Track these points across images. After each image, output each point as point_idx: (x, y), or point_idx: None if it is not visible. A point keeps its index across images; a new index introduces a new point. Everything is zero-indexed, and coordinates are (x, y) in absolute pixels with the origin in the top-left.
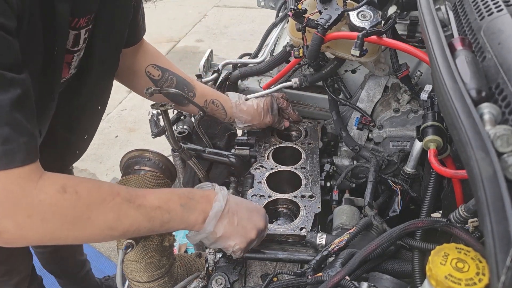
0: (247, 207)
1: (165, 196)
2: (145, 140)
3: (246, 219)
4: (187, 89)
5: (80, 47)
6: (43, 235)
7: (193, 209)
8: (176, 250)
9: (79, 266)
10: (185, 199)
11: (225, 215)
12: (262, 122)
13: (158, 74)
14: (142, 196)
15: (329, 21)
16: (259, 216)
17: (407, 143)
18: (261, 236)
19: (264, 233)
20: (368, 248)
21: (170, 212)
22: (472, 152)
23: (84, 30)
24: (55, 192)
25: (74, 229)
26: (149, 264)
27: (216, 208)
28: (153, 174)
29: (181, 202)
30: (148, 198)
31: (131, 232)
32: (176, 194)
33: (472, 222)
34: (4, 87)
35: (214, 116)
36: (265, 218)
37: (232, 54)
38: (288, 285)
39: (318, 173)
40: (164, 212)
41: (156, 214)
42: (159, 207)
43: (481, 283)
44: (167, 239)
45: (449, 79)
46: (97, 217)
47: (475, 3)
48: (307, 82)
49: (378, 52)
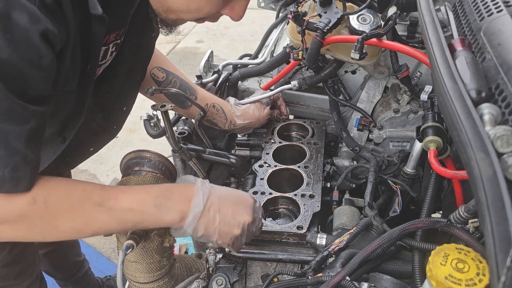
0: (233, 201)
1: (139, 197)
2: (145, 141)
3: (230, 215)
4: (189, 92)
5: (107, 59)
6: (16, 237)
7: (169, 210)
8: (177, 251)
9: (75, 267)
10: (160, 199)
11: (205, 215)
12: (260, 117)
13: (163, 76)
14: (114, 198)
15: (328, 25)
16: (246, 209)
17: (407, 143)
18: (253, 228)
19: (256, 224)
20: (368, 249)
21: (143, 213)
22: (472, 152)
23: (112, 44)
24: (25, 203)
25: (43, 234)
26: (150, 265)
27: (194, 210)
28: (153, 175)
29: (156, 203)
30: (120, 200)
31: (102, 233)
32: (152, 194)
33: (472, 222)
34: (26, 118)
35: (214, 120)
36: (253, 210)
37: (232, 55)
38: (288, 285)
39: (321, 172)
40: (136, 214)
41: (127, 217)
42: (131, 209)
43: (481, 284)
44: (168, 240)
45: (449, 80)
46: (64, 224)
47: (475, 4)
48: (306, 84)
49: (378, 55)
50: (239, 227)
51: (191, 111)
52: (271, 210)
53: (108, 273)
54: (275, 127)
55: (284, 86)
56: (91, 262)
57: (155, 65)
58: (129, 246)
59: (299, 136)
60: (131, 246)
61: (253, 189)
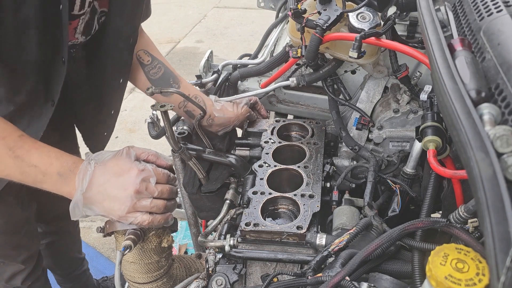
0: (115, 175)
1: (48, 159)
2: (145, 141)
3: (112, 190)
4: (173, 81)
5: (85, 10)
6: None
7: (69, 182)
8: (176, 251)
9: (75, 264)
10: (66, 169)
11: (88, 192)
12: (239, 114)
13: (148, 60)
14: (25, 150)
15: (327, 22)
16: (128, 179)
17: (406, 143)
18: (146, 196)
19: (151, 190)
20: (368, 249)
21: (45, 175)
22: (472, 152)
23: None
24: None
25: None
26: (148, 265)
27: (78, 190)
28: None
29: (60, 171)
30: (30, 153)
31: (2, 175)
32: (61, 161)
33: (472, 222)
34: None
35: (194, 112)
36: (136, 178)
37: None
38: (288, 285)
39: (321, 172)
40: (38, 172)
41: (30, 171)
42: (36, 166)
43: (481, 284)
44: (166, 240)
45: (449, 80)
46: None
47: (475, 4)
48: (304, 81)
49: (377, 54)
50: (125, 200)
51: (172, 99)
52: (270, 210)
53: (108, 273)
54: (275, 127)
55: (281, 83)
56: (91, 262)
57: (141, 47)
58: (126, 247)
59: (299, 136)
60: (129, 247)
61: (252, 189)
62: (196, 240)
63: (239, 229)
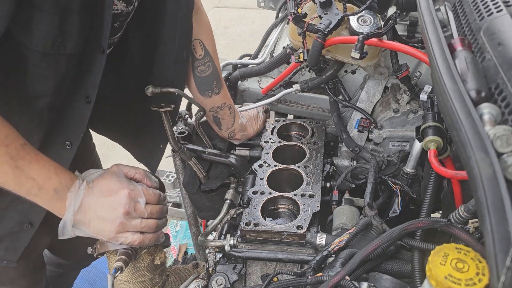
0: (104, 196)
1: (47, 174)
2: None
3: (102, 211)
4: (216, 84)
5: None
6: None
7: (63, 200)
8: (176, 250)
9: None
10: (63, 185)
11: (79, 214)
12: (259, 129)
13: (200, 54)
14: (27, 161)
15: (329, 26)
16: (117, 200)
17: (406, 143)
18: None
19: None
20: (368, 248)
21: (41, 189)
22: (472, 152)
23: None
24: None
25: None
26: (142, 283)
27: (69, 211)
28: None
29: (57, 187)
30: (31, 165)
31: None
32: (60, 177)
33: (472, 222)
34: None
35: (222, 120)
36: (126, 199)
37: (232, 55)
38: (288, 285)
39: (321, 172)
40: (35, 186)
41: (26, 183)
42: (34, 179)
43: (481, 283)
44: (158, 257)
45: (449, 80)
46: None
47: (475, 4)
48: (308, 88)
49: (378, 56)
50: (114, 221)
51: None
52: (270, 209)
53: (101, 282)
54: (275, 126)
55: (286, 90)
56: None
57: (198, 36)
58: (117, 269)
59: (299, 136)
60: (120, 268)
61: (252, 188)
62: (196, 240)
63: (239, 228)
